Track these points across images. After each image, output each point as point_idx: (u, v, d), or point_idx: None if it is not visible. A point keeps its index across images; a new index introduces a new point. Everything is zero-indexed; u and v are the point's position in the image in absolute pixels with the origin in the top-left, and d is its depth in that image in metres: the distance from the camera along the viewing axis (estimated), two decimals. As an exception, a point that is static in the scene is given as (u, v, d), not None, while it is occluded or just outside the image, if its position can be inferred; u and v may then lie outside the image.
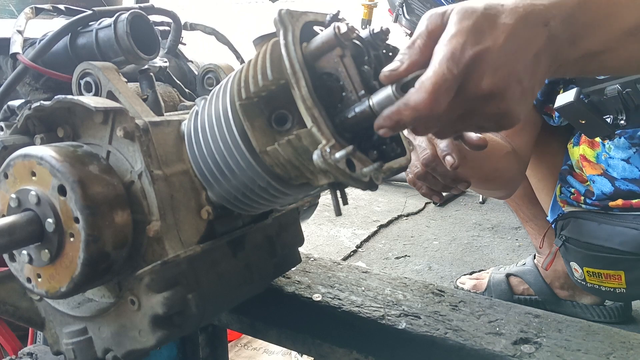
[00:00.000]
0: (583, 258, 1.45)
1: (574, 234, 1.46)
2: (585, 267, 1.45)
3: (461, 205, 2.83)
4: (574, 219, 1.47)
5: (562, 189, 1.52)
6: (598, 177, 1.40)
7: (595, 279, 1.45)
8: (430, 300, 0.82)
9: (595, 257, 1.42)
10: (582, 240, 1.44)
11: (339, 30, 0.51)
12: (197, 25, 0.98)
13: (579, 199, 1.46)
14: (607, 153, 1.38)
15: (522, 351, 0.68)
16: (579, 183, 1.47)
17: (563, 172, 1.52)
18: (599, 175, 1.40)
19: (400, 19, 3.22)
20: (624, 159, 1.35)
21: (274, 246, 0.74)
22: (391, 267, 2.21)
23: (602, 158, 1.39)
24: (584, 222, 1.45)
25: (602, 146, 1.38)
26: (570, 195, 1.48)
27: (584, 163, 1.43)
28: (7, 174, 0.59)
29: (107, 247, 0.56)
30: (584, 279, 1.47)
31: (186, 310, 0.60)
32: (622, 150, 1.35)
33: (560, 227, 1.51)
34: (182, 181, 0.61)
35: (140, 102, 0.64)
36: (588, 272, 1.45)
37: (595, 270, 1.44)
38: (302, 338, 0.82)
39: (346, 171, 0.49)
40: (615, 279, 1.41)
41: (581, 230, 1.44)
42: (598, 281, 1.44)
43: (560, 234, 1.51)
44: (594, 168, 1.41)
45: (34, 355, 0.83)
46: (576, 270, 1.49)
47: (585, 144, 1.42)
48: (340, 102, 0.52)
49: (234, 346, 1.61)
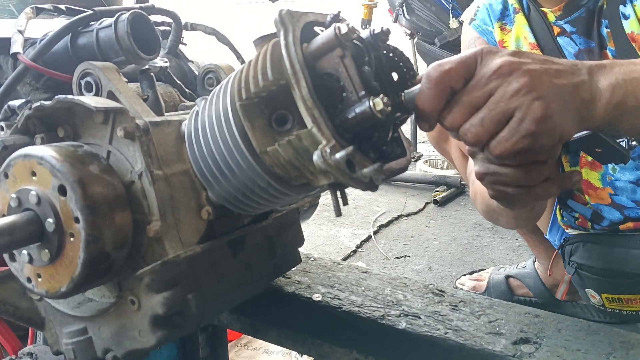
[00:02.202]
0: (600, 285, 1.40)
1: (586, 260, 1.40)
2: (603, 294, 1.40)
3: (461, 205, 2.83)
4: (582, 244, 1.41)
5: (564, 213, 1.46)
6: (606, 207, 1.34)
7: (615, 304, 1.40)
8: (430, 300, 0.82)
9: (612, 283, 1.37)
10: (596, 266, 1.38)
11: (340, 31, 0.51)
12: (197, 25, 0.98)
13: (586, 225, 1.40)
14: (611, 175, 1.32)
15: (522, 351, 0.68)
16: (582, 206, 1.40)
17: (562, 195, 1.45)
18: (607, 206, 1.34)
19: (400, 19, 3.22)
20: (632, 181, 1.30)
21: (274, 246, 0.74)
22: (391, 267, 2.21)
23: (607, 180, 1.32)
24: (595, 246, 1.39)
25: (606, 167, 1.33)
26: (575, 221, 1.42)
27: (589, 191, 1.36)
28: (7, 174, 0.59)
29: (107, 247, 0.56)
30: (602, 304, 1.42)
31: (186, 311, 0.60)
32: (629, 171, 1.29)
33: (569, 252, 1.45)
34: (182, 181, 0.61)
35: (141, 102, 0.64)
36: (607, 298, 1.40)
37: (614, 295, 1.39)
38: (302, 338, 0.82)
39: (346, 172, 0.49)
40: (636, 303, 1.36)
41: (593, 256, 1.39)
42: (618, 306, 1.40)
43: (570, 260, 1.45)
44: (600, 197, 1.34)
45: (34, 355, 0.83)
46: (593, 296, 1.43)
47: (586, 167, 1.35)
48: (340, 102, 0.52)
49: (234, 346, 1.61)
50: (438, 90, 0.58)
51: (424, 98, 0.58)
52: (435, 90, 0.58)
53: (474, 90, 0.59)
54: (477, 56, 0.60)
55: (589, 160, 1.34)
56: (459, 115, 0.59)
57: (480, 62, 0.59)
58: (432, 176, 3.03)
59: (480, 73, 0.59)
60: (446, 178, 2.97)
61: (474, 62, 0.60)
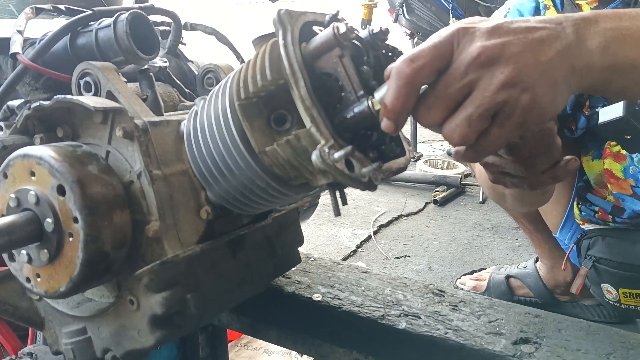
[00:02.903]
0: (619, 279, 1.39)
1: (605, 254, 1.39)
2: (620, 289, 1.39)
3: (461, 205, 2.83)
4: (602, 237, 1.40)
5: (583, 207, 1.44)
6: (628, 197, 1.33)
7: (632, 300, 1.39)
8: (430, 300, 0.82)
9: (632, 278, 1.36)
10: (616, 260, 1.37)
11: (338, 31, 0.51)
12: (197, 25, 0.98)
13: (606, 218, 1.38)
14: (636, 166, 1.30)
15: (522, 351, 0.68)
16: (602, 200, 1.39)
17: (580, 190, 1.44)
18: (629, 196, 1.32)
19: (400, 19, 3.22)
20: None
21: (274, 246, 0.74)
22: (391, 267, 2.21)
23: (631, 172, 1.31)
24: (614, 240, 1.38)
25: (631, 159, 1.31)
26: (595, 214, 1.41)
27: (611, 180, 1.34)
28: (6, 174, 0.59)
29: (106, 247, 0.56)
30: (618, 300, 1.41)
31: (185, 310, 0.60)
32: None
33: (586, 246, 1.44)
34: (182, 181, 0.61)
35: (140, 102, 0.64)
36: (624, 293, 1.39)
37: (632, 291, 1.38)
38: (302, 338, 0.82)
39: (345, 171, 0.49)
40: None
41: (613, 250, 1.38)
42: (635, 302, 1.39)
43: (587, 254, 1.44)
44: (622, 187, 1.33)
45: (34, 355, 0.83)
46: (609, 292, 1.42)
47: (610, 158, 1.33)
48: (339, 102, 0.52)
49: (234, 346, 1.61)
50: (410, 89, 0.53)
51: (394, 97, 0.52)
52: (406, 89, 0.52)
53: (453, 83, 0.54)
54: (452, 40, 0.54)
55: (614, 151, 1.32)
56: (438, 112, 0.55)
57: (457, 47, 0.54)
58: (432, 176, 3.03)
59: (457, 61, 0.53)
60: (446, 178, 2.97)
61: (450, 48, 0.54)
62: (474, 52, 0.53)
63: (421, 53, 0.53)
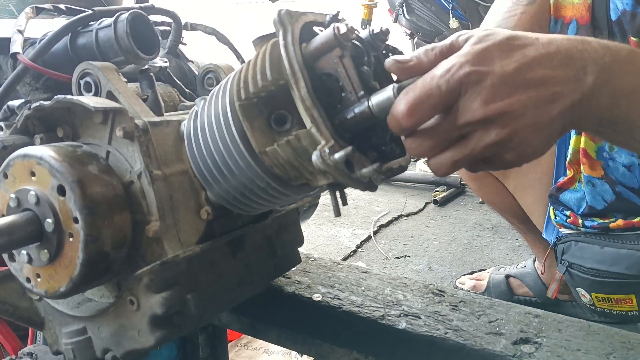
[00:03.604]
0: (590, 284, 1.40)
1: (576, 260, 1.41)
2: (593, 293, 1.41)
3: (461, 205, 2.83)
4: (574, 243, 1.42)
5: (556, 212, 1.47)
6: (598, 181, 1.35)
7: (605, 304, 1.41)
8: (430, 300, 0.82)
9: (602, 283, 1.38)
10: (586, 266, 1.39)
11: (339, 31, 0.51)
12: (197, 25, 0.98)
13: (577, 222, 1.40)
14: (608, 152, 1.32)
15: (522, 351, 0.68)
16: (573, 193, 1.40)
17: (552, 193, 1.45)
18: (599, 179, 1.34)
19: (400, 19, 3.22)
20: (625, 165, 1.30)
21: (274, 246, 0.74)
22: (391, 267, 2.21)
23: (603, 155, 1.33)
24: (585, 245, 1.40)
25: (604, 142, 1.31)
26: (567, 219, 1.43)
27: (584, 160, 1.35)
28: (6, 174, 0.59)
29: (106, 247, 0.56)
30: (592, 304, 1.43)
31: (185, 311, 0.60)
32: (625, 154, 1.28)
33: (561, 251, 1.46)
34: (182, 181, 0.61)
35: (140, 102, 0.64)
36: (597, 297, 1.41)
37: (604, 295, 1.39)
38: (302, 338, 0.82)
39: (345, 172, 0.49)
40: (626, 303, 1.37)
41: (584, 255, 1.39)
42: (608, 305, 1.40)
43: (562, 259, 1.46)
44: (594, 168, 1.35)
45: (34, 355, 0.83)
46: (584, 295, 1.44)
47: (587, 136, 1.33)
48: (339, 102, 0.52)
49: (234, 346, 1.61)
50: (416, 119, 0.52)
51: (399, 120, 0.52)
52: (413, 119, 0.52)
53: (450, 131, 0.54)
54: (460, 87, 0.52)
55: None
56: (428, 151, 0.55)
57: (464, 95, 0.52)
58: (432, 176, 3.03)
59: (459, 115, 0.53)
60: (446, 178, 2.97)
61: (456, 95, 0.53)
62: (477, 115, 0.52)
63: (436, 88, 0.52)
